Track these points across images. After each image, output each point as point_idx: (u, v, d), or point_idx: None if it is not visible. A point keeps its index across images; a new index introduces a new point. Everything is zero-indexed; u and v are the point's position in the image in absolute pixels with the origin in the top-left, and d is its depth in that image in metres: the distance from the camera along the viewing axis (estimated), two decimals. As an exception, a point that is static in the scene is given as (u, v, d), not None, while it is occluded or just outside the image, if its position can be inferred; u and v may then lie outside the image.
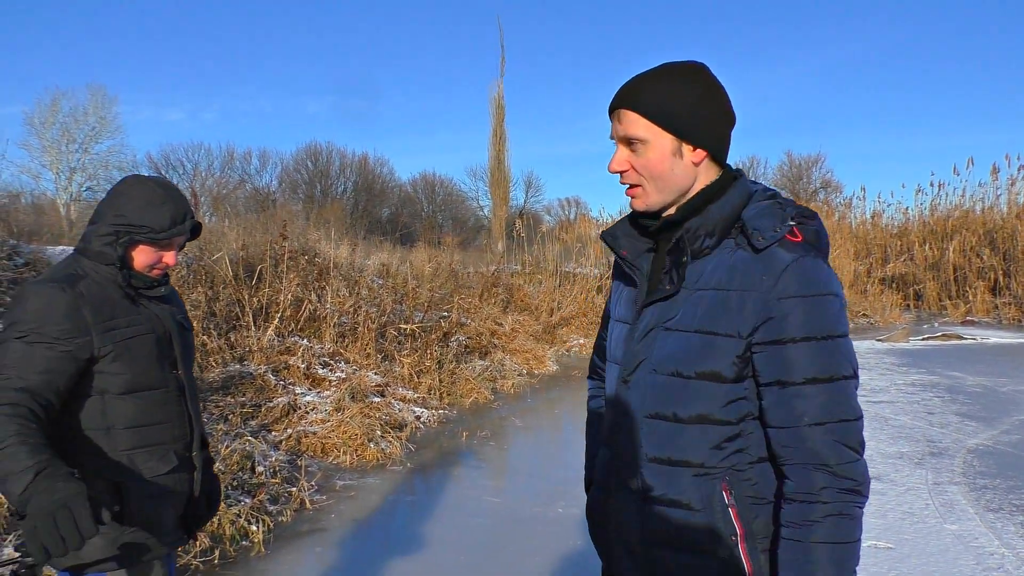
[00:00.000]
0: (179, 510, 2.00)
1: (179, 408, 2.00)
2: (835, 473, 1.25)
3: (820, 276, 1.28)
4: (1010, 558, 3.95)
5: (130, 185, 1.92)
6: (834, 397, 1.26)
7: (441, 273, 11.51)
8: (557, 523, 4.56)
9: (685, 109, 1.34)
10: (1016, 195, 19.15)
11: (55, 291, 1.78)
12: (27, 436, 1.57)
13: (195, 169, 34.18)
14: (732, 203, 1.37)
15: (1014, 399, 8.24)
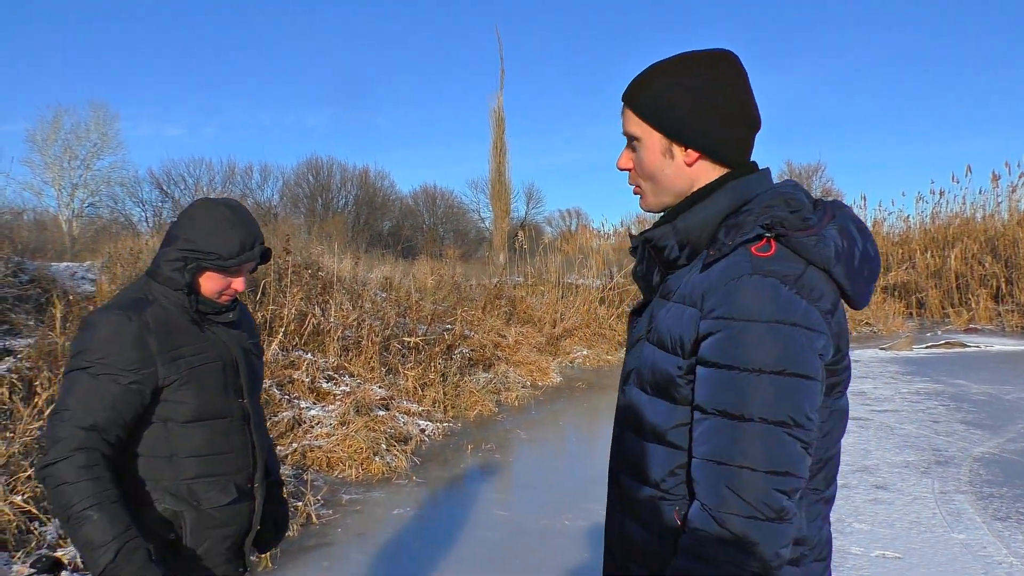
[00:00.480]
0: (237, 541, 1.96)
1: (243, 438, 1.95)
2: (725, 525, 1.11)
3: (772, 299, 1.10)
4: (1019, 567, 3.94)
5: (200, 209, 1.87)
6: (748, 438, 1.10)
7: (444, 286, 11.54)
8: (564, 535, 4.55)
9: (676, 106, 1.25)
10: (1017, 202, 19.16)
11: (122, 319, 1.76)
12: (104, 496, 1.63)
13: (196, 184, 34.27)
14: (709, 211, 1.24)
15: (1019, 406, 8.22)
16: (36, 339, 5.62)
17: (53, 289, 6.98)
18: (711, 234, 1.23)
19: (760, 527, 1.09)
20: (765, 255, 1.14)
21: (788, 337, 1.09)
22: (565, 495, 5.35)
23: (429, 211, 42.20)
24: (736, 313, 1.11)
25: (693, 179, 1.28)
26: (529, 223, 37.49)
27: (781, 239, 1.16)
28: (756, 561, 1.10)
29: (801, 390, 1.10)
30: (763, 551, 1.10)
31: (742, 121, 1.28)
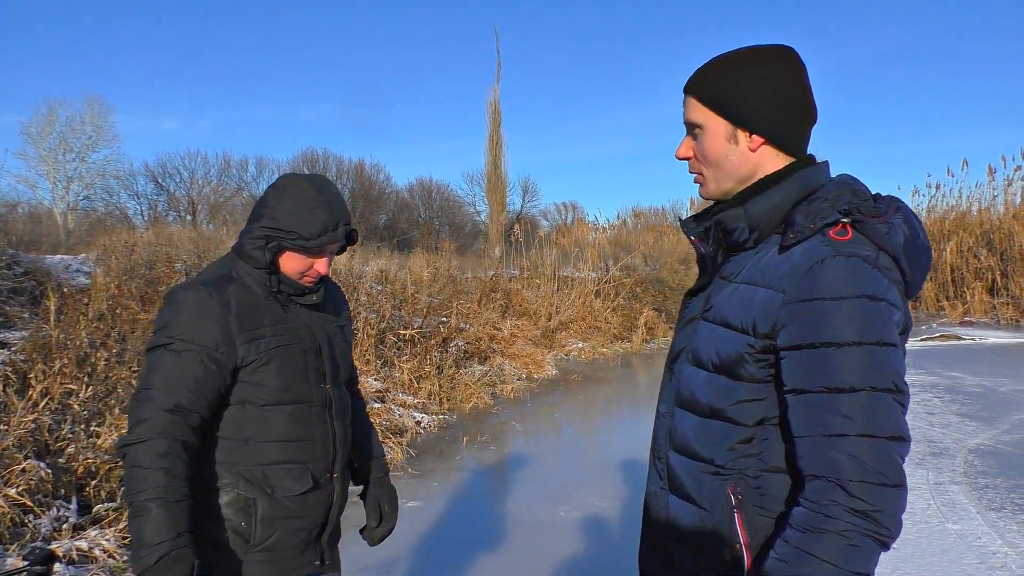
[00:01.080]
0: (311, 534, 1.86)
1: (324, 426, 1.87)
2: (848, 491, 1.09)
3: (854, 276, 1.14)
4: (1013, 557, 3.95)
5: (284, 186, 1.82)
6: (863, 411, 1.11)
7: (439, 279, 11.53)
8: (561, 527, 4.55)
9: (741, 93, 1.29)
10: (1012, 196, 19.22)
11: (203, 296, 1.72)
12: (171, 493, 1.59)
13: (192, 177, 34.11)
14: (780, 197, 1.27)
15: (1013, 399, 8.25)
16: (31, 332, 5.60)
17: (48, 282, 6.96)
18: (781, 219, 1.27)
19: (886, 493, 1.09)
20: (843, 239, 1.17)
21: (875, 310, 1.13)
22: (561, 487, 5.36)
23: (425, 204, 42.13)
24: (823, 294, 1.14)
25: (756, 165, 1.31)
26: (525, 216, 37.48)
27: (857, 225, 1.19)
28: (883, 528, 1.09)
29: (894, 358, 1.14)
30: (888, 518, 1.09)
31: (803, 111, 1.32)
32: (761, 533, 1.23)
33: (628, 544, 4.28)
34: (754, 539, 1.23)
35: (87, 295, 6.66)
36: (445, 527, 4.61)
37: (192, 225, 15.62)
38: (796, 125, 1.31)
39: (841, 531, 1.09)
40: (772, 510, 1.23)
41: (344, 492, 1.94)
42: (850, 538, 1.09)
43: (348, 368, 2.00)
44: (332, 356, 1.92)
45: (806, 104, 1.32)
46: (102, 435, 4.36)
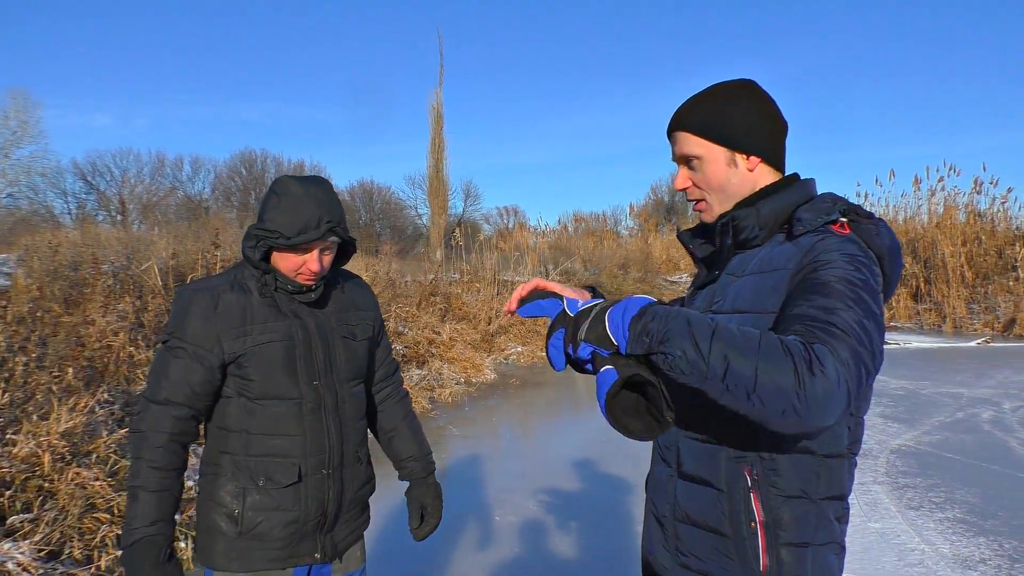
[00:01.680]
0: (305, 527, 1.91)
1: (318, 424, 1.91)
2: (808, 341, 1.09)
3: (852, 248, 1.26)
4: (930, 554, 4.11)
5: (273, 188, 1.89)
6: (842, 298, 1.16)
7: (378, 282, 11.41)
8: (496, 531, 4.55)
9: (732, 120, 1.42)
10: (935, 206, 19.99)
11: (194, 296, 1.85)
12: (160, 483, 1.78)
13: (124, 176, 33.10)
14: (787, 200, 1.41)
15: (935, 401, 8.58)
16: (-57, 335, 5.35)
17: (-37, 283, 6.65)
18: (785, 220, 1.40)
19: (826, 387, 1.05)
20: (843, 233, 1.31)
21: (864, 271, 1.23)
22: (497, 492, 5.36)
23: (366, 207, 41.75)
24: (823, 256, 1.26)
25: (755, 183, 1.45)
26: (467, 220, 37.43)
27: (852, 224, 1.33)
28: (804, 377, 1.05)
29: (870, 300, 1.18)
30: (811, 383, 1.05)
31: (781, 128, 1.48)
32: (775, 512, 1.31)
33: (563, 547, 4.32)
34: (769, 517, 1.31)
35: (6, 297, 6.39)
36: (379, 534, 4.56)
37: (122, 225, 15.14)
38: (780, 142, 1.48)
39: (784, 343, 1.08)
40: (794, 492, 1.31)
41: (345, 488, 1.98)
42: (784, 351, 1.06)
43: (354, 368, 2.03)
44: (329, 355, 1.96)
45: (782, 122, 1.48)
46: (19, 443, 4.18)
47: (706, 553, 1.39)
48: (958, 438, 6.80)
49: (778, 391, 1.05)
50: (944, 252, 18.35)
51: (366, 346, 2.08)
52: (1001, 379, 10.22)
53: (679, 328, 1.12)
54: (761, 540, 1.31)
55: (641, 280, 17.97)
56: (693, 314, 1.14)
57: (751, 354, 1.07)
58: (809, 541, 1.31)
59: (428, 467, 2.26)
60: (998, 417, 7.67)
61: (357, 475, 2.03)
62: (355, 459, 2.01)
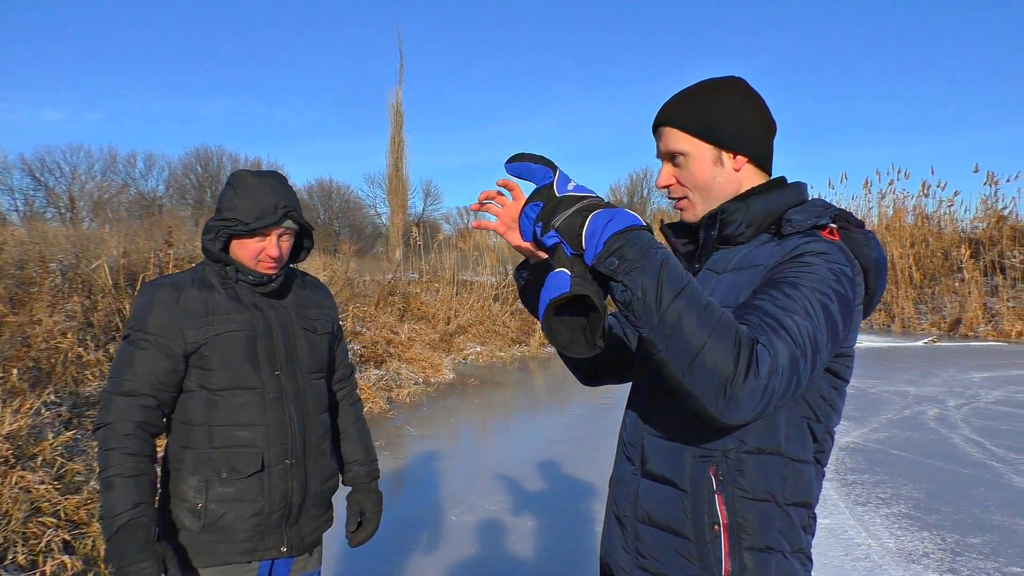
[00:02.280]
0: (269, 518, 1.91)
1: (280, 413, 1.93)
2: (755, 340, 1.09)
3: (836, 254, 1.23)
4: (875, 548, 4.21)
5: (229, 182, 1.95)
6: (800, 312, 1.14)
7: (336, 281, 11.32)
8: (452, 531, 4.55)
9: (720, 118, 1.38)
10: (885, 208, 20.52)
11: (155, 289, 1.89)
12: (132, 468, 1.77)
13: (74, 172, 32.37)
14: (779, 200, 1.37)
15: (882, 399, 8.80)
16: None
17: (-98, 281, 6.44)
18: (774, 220, 1.36)
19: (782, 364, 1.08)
20: (832, 239, 1.28)
21: (840, 280, 1.21)
22: (454, 491, 5.36)
23: (325, 205, 41.37)
24: (804, 255, 1.24)
25: (740, 183, 1.41)
26: (426, 220, 37.32)
27: (842, 231, 1.30)
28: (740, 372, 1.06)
29: (832, 311, 1.18)
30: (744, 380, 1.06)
31: (770, 128, 1.45)
32: (739, 515, 1.27)
33: (520, 546, 4.33)
34: (733, 520, 1.27)
35: (-52, 295, 6.20)
36: (334, 535, 4.52)
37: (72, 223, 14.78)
38: (768, 143, 1.44)
39: (739, 332, 1.08)
40: (760, 494, 1.27)
41: (310, 479, 1.99)
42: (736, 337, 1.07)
43: (315, 360, 2.06)
44: (290, 346, 1.99)
45: (770, 122, 1.45)
46: (-39, 445, 4.06)
47: (666, 555, 1.34)
48: (905, 435, 6.99)
49: (713, 373, 1.06)
50: (893, 254, 18.82)
51: (327, 341, 2.12)
52: (946, 377, 10.52)
53: (651, 267, 1.09)
54: (724, 543, 1.27)
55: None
56: (671, 260, 1.11)
57: (707, 325, 1.06)
58: (773, 546, 1.28)
59: (372, 473, 2.27)
60: (943, 415, 7.89)
61: (322, 467, 2.03)
62: (319, 451, 2.02)
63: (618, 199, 38.53)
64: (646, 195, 38.05)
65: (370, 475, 2.26)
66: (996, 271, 17.59)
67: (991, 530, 4.48)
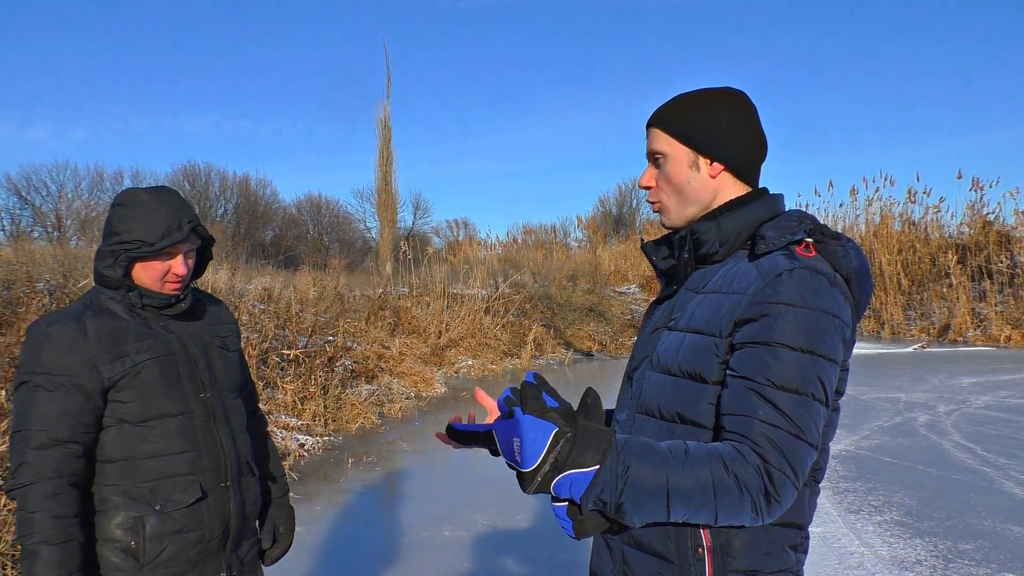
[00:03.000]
0: (210, 544, 1.85)
1: (210, 436, 1.87)
2: (765, 468, 1.14)
3: (815, 289, 1.22)
4: (868, 557, 4.22)
5: (120, 201, 1.82)
6: (795, 410, 1.17)
7: (326, 297, 11.30)
8: (445, 547, 4.53)
9: (701, 123, 1.39)
10: (872, 215, 20.63)
11: (59, 328, 1.73)
12: (61, 534, 1.63)
13: (60, 191, 32.18)
14: (751, 215, 1.37)
15: (873, 406, 8.83)
16: None
17: None
18: (748, 236, 1.36)
19: (788, 490, 1.15)
20: (807, 255, 1.26)
21: (829, 325, 1.21)
22: (446, 506, 5.34)
23: (314, 220, 41.30)
24: (784, 299, 1.21)
25: (716, 191, 1.41)
26: (416, 233, 37.33)
27: (819, 245, 1.29)
28: (763, 516, 1.15)
29: (833, 373, 1.22)
30: (775, 511, 1.15)
31: (757, 144, 1.43)
32: (724, 537, 1.26)
33: (513, 561, 4.32)
34: (717, 543, 1.27)
35: (-66, 317, 6.15)
36: (328, 551, 4.50)
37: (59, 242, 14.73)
38: (751, 156, 1.42)
39: (740, 481, 1.13)
40: None
41: (245, 499, 1.95)
42: (740, 492, 1.13)
43: (233, 378, 2.00)
44: (209, 366, 1.92)
45: (759, 138, 1.44)
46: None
47: None
48: (896, 442, 7.01)
49: (738, 521, 1.16)
50: (881, 260, 18.93)
51: (238, 358, 2.07)
52: (936, 383, 10.57)
53: (632, 499, 1.12)
54: (708, 567, 1.26)
55: (590, 292, 18.13)
56: (641, 472, 1.12)
57: (708, 503, 1.13)
58: (759, 569, 1.26)
59: (283, 488, 2.23)
60: (933, 421, 7.92)
61: (252, 487, 2.00)
62: (248, 470, 1.98)
63: (607, 211, 38.63)
64: (635, 206, 38.17)
65: (281, 490, 2.22)
66: (984, 276, 17.72)
67: (983, 536, 4.50)
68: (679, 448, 1.17)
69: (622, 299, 19.15)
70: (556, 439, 1.12)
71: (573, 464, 1.11)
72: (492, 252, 20.67)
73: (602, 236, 28.34)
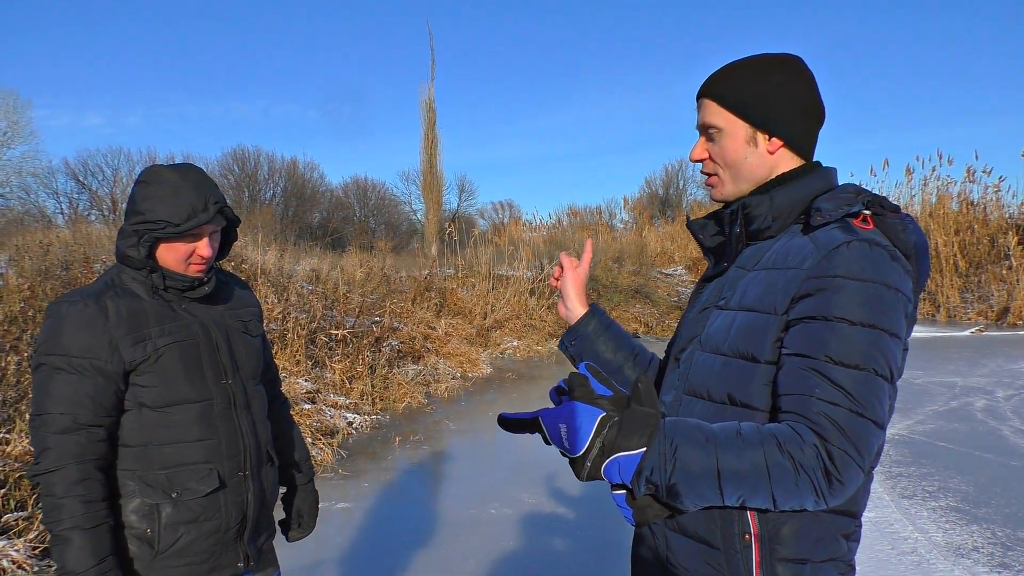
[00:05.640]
0: (228, 534, 1.81)
1: (229, 424, 1.81)
2: (827, 449, 1.09)
3: (875, 262, 1.16)
4: (922, 542, 4.13)
5: (144, 179, 1.76)
6: (856, 387, 1.12)
7: (373, 278, 11.41)
8: (491, 524, 4.56)
9: (761, 97, 1.32)
10: (928, 195, 20.04)
11: (79, 308, 1.68)
12: (90, 519, 1.61)
13: (115, 175, 33.01)
14: (805, 189, 1.31)
15: (927, 390, 8.61)
16: (-65, 335, 5.33)
17: (-45, 283, 6.63)
18: (801, 211, 1.31)
19: (853, 471, 1.10)
20: (865, 227, 1.21)
21: (890, 298, 1.16)
22: (492, 485, 5.37)
23: (360, 203, 41.66)
24: (843, 272, 1.16)
25: (772, 167, 1.35)
26: (461, 215, 37.42)
27: (877, 218, 1.23)
28: (827, 499, 1.10)
29: (896, 349, 1.17)
30: (840, 493, 1.10)
31: (816, 116, 1.37)
32: (772, 525, 1.22)
33: (558, 539, 4.33)
34: (765, 530, 1.23)
35: (-3, 296, 6.37)
36: (375, 528, 4.57)
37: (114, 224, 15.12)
38: (810, 129, 1.36)
39: (796, 461, 1.09)
40: None
41: (264, 488, 1.91)
42: (797, 473, 1.08)
43: (255, 364, 1.95)
44: (231, 352, 1.87)
45: (819, 110, 1.37)
46: (11, 442, 4.17)
47: (695, 564, 1.30)
48: (951, 427, 6.83)
49: (799, 504, 1.11)
50: (937, 241, 18.40)
51: (260, 342, 2.01)
52: (994, 367, 10.26)
53: (683, 481, 1.09)
54: (755, 554, 1.22)
55: (636, 273, 17.99)
56: (690, 454, 1.09)
57: (762, 485, 1.09)
58: (809, 557, 1.22)
59: (309, 474, 2.21)
60: (991, 406, 7.70)
61: (271, 477, 1.96)
62: (268, 459, 1.94)
63: (653, 192, 38.21)
64: (682, 187, 37.67)
65: (307, 476, 2.20)
66: (1045, 258, 17.09)
67: (1043, 523, 4.36)
68: (731, 429, 1.13)
69: (668, 281, 18.97)
70: (603, 423, 1.09)
71: (619, 447, 1.09)
72: (537, 234, 20.62)
73: (648, 217, 28.08)
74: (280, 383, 2.23)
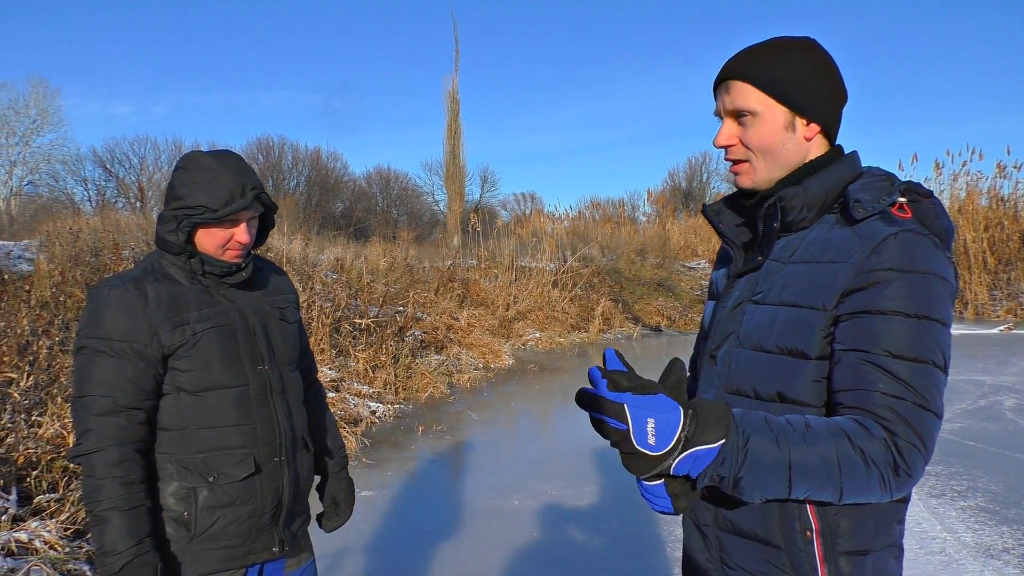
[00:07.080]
0: (263, 519, 1.82)
1: (266, 409, 1.83)
2: (895, 442, 1.09)
3: (922, 252, 1.15)
4: (951, 542, 4.07)
5: (183, 164, 1.78)
6: (916, 380, 1.11)
7: (396, 268, 11.46)
8: (514, 516, 4.57)
9: (800, 80, 1.28)
10: (958, 191, 19.73)
11: (118, 292, 1.70)
12: (129, 500, 1.63)
13: (142, 163, 33.38)
14: (836, 176, 1.29)
15: (957, 388, 8.49)
16: (-31, 319, 5.42)
17: (-12, 268, 6.73)
18: (834, 199, 1.28)
19: (919, 462, 1.10)
20: (904, 216, 1.20)
21: (941, 289, 1.16)
22: (515, 476, 5.37)
23: (383, 193, 41.79)
24: (888, 265, 1.15)
25: (806, 153, 1.32)
26: (484, 206, 37.41)
27: (913, 205, 1.22)
28: (895, 490, 1.10)
29: (949, 339, 1.16)
30: (907, 485, 1.11)
31: (843, 98, 1.35)
32: (832, 518, 1.21)
33: (581, 531, 4.32)
34: (825, 524, 1.21)
35: (29, 282, 6.46)
36: (398, 517, 4.59)
37: (141, 212, 15.28)
38: (839, 112, 1.35)
39: (867, 455, 1.08)
40: None
41: (299, 474, 1.92)
42: (867, 467, 1.08)
43: (292, 350, 1.96)
44: (268, 338, 1.88)
45: (844, 91, 1.35)
46: (44, 424, 4.24)
47: (756, 565, 1.27)
48: (980, 426, 6.73)
49: (865, 498, 1.11)
50: (966, 238, 18.13)
51: (297, 329, 2.03)
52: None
53: (751, 474, 1.07)
54: (818, 550, 1.21)
55: (659, 266, 17.90)
56: (761, 447, 1.07)
57: (832, 479, 1.08)
58: (869, 548, 1.22)
59: (342, 461, 2.21)
60: (1021, 404, 7.58)
61: (306, 463, 1.97)
62: (304, 446, 1.95)
63: (676, 185, 37.98)
64: (705, 180, 37.43)
65: (340, 464, 2.20)
66: (1078, 256, 16.78)
67: (1076, 525, 4.29)
68: (799, 422, 1.11)
69: (691, 274, 18.85)
70: (685, 417, 1.05)
71: (700, 440, 1.04)
72: (560, 225, 20.56)
73: (671, 210, 27.90)
74: (316, 370, 2.23)
